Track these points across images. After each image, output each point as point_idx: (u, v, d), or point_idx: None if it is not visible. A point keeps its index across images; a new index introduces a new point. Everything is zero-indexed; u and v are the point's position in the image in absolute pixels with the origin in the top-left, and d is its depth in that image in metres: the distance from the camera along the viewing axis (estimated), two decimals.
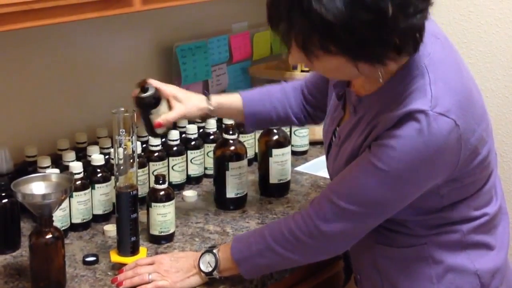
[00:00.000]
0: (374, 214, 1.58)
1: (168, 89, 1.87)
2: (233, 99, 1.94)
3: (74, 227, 1.94)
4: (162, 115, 1.84)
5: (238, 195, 2.09)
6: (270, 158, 2.16)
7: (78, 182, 1.92)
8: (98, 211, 1.99)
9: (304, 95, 1.97)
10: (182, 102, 1.87)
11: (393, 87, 1.53)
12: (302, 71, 2.61)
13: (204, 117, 1.96)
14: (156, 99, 1.84)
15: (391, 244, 1.65)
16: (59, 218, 1.87)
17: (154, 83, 1.85)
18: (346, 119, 1.67)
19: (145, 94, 1.83)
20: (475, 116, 1.55)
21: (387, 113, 1.52)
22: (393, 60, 1.47)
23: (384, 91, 1.55)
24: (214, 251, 1.70)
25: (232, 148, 2.06)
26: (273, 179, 2.17)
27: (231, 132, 2.06)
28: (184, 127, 2.25)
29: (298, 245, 1.62)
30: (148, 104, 1.83)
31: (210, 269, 1.69)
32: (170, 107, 1.87)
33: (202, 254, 1.71)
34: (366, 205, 1.55)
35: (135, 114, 1.73)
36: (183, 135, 2.22)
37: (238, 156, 2.07)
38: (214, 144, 2.14)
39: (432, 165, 1.50)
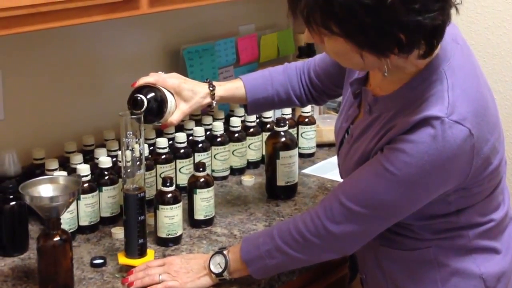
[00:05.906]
0: (383, 218, 1.57)
1: (169, 84, 1.80)
2: (235, 90, 1.91)
3: (81, 230, 1.95)
4: (168, 118, 1.79)
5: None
6: (277, 161, 2.16)
7: (86, 185, 1.92)
8: (106, 213, 1.99)
9: (311, 79, 1.95)
10: (186, 101, 1.82)
11: (411, 90, 1.53)
12: None
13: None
14: (158, 106, 1.75)
15: (396, 246, 1.65)
16: (67, 221, 1.87)
17: (151, 80, 1.78)
18: (360, 118, 1.67)
19: (141, 110, 1.72)
20: (489, 125, 1.54)
21: (402, 117, 1.51)
22: (402, 57, 1.45)
23: (401, 94, 1.55)
24: (224, 252, 1.70)
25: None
26: (280, 181, 2.16)
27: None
28: (191, 129, 2.25)
29: (306, 245, 1.62)
30: (152, 118, 1.75)
31: (220, 270, 1.69)
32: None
33: (212, 255, 1.71)
34: (375, 208, 1.55)
35: (142, 117, 1.73)
36: (190, 138, 2.22)
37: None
38: (221, 147, 2.14)
39: (443, 172, 1.50)
